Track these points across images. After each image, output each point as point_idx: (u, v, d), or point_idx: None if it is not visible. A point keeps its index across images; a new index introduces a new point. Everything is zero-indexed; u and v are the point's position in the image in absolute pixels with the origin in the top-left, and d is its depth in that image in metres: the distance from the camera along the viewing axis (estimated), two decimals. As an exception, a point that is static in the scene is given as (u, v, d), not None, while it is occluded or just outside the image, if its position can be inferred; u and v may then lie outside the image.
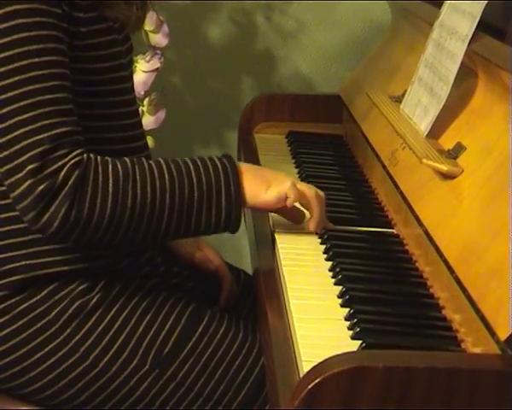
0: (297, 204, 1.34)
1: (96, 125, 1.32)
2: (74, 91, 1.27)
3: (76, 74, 1.27)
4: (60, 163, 1.18)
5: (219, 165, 1.27)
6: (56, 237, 1.21)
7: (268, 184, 1.29)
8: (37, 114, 1.19)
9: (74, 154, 1.20)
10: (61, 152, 1.19)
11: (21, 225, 1.26)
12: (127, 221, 1.21)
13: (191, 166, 1.26)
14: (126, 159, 1.24)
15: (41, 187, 1.17)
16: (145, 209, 1.22)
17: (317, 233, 1.36)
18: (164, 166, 1.25)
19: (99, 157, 1.22)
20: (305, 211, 1.36)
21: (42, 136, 1.18)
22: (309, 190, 1.32)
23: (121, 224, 1.21)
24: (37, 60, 1.19)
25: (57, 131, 1.19)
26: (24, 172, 1.18)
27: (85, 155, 1.21)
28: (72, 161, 1.19)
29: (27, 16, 1.20)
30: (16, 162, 1.19)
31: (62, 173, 1.18)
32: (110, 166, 1.22)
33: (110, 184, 1.20)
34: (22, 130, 1.19)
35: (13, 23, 1.19)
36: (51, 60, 1.20)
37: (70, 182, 1.18)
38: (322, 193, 1.34)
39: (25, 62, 1.19)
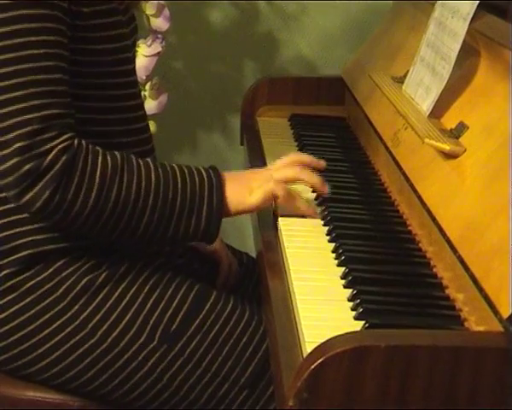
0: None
1: (98, 106, 1.33)
2: (77, 72, 1.28)
3: (79, 55, 1.28)
4: (48, 145, 1.19)
5: (204, 174, 1.29)
6: (37, 216, 1.23)
7: (250, 187, 1.31)
8: (29, 93, 1.19)
9: (64, 138, 1.20)
10: (50, 134, 1.19)
11: None
12: (108, 215, 1.23)
13: (177, 172, 1.28)
14: (117, 153, 1.25)
15: (27, 166, 1.18)
16: (127, 206, 1.23)
17: (319, 212, 1.37)
18: (152, 168, 1.26)
19: (90, 146, 1.23)
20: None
21: (31, 115, 1.18)
22: (286, 170, 1.33)
23: (101, 216, 1.22)
24: (33, 38, 1.19)
25: (47, 112, 1.19)
26: (11, 149, 1.18)
27: (76, 141, 1.21)
28: (61, 145, 1.19)
29: None
30: (4, 138, 1.19)
31: (50, 156, 1.18)
32: (100, 158, 1.22)
33: (97, 175, 1.21)
34: (12, 107, 1.19)
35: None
36: (48, 40, 1.20)
37: (57, 166, 1.19)
38: (301, 157, 1.38)
39: (20, 40, 1.19)
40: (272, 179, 1.32)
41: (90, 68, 1.30)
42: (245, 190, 1.31)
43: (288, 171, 1.34)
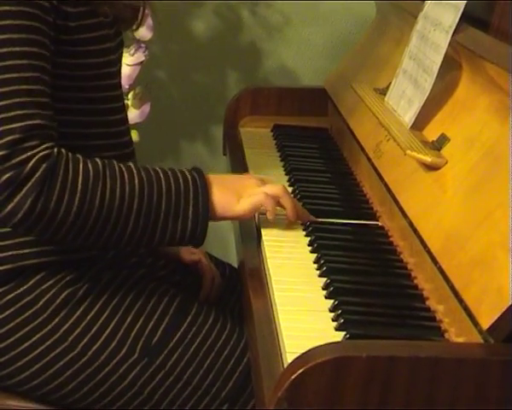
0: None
1: (81, 119, 1.33)
2: (62, 86, 1.28)
3: (64, 69, 1.28)
4: (28, 154, 1.17)
5: (189, 177, 1.27)
6: (19, 228, 1.19)
7: (238, 194, 1.30)
8: (12, 103, 1.18)
9: (44, 146, 1.18)
10: (30, 143, 1.18)
11: None
12: (93, 221, 1.20)
13: (161, 175, 1.26)
14: (98, 160, 1.24)
15: (6, 175, 1.16)
16: (112, 212, 1.21)
17: (302, 225, 1.38)
18: (134, 172, 1.24)
19: (70, 154, 1.21)
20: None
21: (14, 125, 1.17)
22: (278, 189, 1.33)
23: (86, 223, 1.20)
24: (17, 49, 1.19)
25: (30, 122, 1.18)
26: None
27: (56, 150, 1.20)
28: (42, 154, 1.18)
29: (14, 5, 1.20)
30: None
31: (30, 164, 1.17)
32: (81, 165, 1.21)
33: (79, 182, 1.19)
34: None
35: None
36: (32, 51, 1.20)
37: (38, 173, 1.17)
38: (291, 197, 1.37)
39: (5, 50, 1.19)
40: (263, 192, 1.31)
41: (74, 82, 1.30)
42: (233, 196, 1.29)
43: (280, 191, 1.33)
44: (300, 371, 0.94)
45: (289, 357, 1.02)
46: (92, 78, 1.32)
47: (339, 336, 1.07)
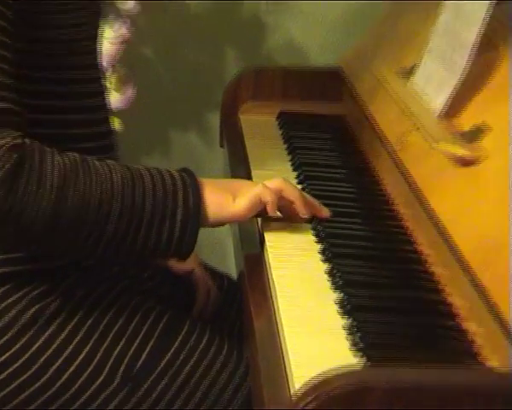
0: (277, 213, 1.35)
1: (55, 103, 1.33)
2: (30, 65, 1.29)
3: (32, 44, 1.28)
4: None
5: (177, 176, 1.28)
6: None
7: (233, 194, 1.30)
8: None
9: (13, 136, 1.18)
10: None
11: None
12: (67, 221, 1.19)
13: (144, 173, 1.26)
14: (72, 154, 1.23)
15: None
16: (87, 211, 1.20)
17: (313, 229, 1.37)
18: (113, 168, 1.24)
19: (41, 145, 1.21)
20: None
21: None
22: (278, 181, 1.33)
23: (59, 222, 1.19)
24: None
25: None
26: None
27: (27, 140, 1.20)
28: (10, 144, 1.18)
29: None
30: None
31: None
32: (54, 156, 1.21)
33: (51, 174, 1.19)
34: None
35: None
36: None
37: (7, 166, 1.16)
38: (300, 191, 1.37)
39: None
40: (261, 185, 1.32)
41: (43, 60, 1.30)
42: (227, 195, 1.29)
43: (281, 183, 1.34)
44: (311, 402, 0.93)
45: (297, 383, 1.02)
46: (66, 54, 1.32)
47: (356, 361, 1.07)
